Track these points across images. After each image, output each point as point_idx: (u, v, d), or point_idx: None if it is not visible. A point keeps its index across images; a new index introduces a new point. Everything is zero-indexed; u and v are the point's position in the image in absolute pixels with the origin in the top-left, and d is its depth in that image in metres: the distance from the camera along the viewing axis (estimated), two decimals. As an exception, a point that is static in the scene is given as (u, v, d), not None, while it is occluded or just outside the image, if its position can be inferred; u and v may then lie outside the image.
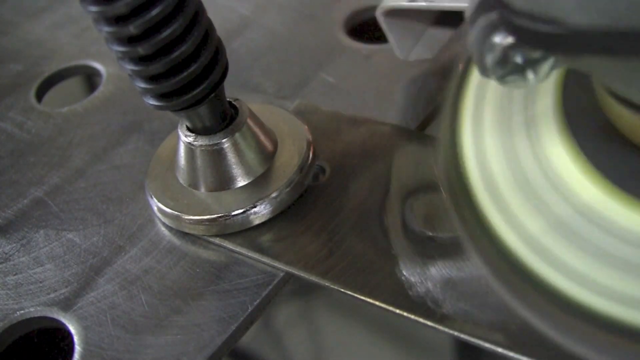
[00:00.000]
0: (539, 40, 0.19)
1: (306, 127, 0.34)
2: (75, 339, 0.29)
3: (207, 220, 0.31)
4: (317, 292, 0.82)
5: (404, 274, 0.28)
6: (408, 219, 0.30)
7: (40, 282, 0.32)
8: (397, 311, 0.28)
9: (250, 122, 0.32)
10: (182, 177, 0.33)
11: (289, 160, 0.32)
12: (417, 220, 0.30)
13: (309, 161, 0.32)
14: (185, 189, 0.32)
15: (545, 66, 0.20)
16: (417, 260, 0.29)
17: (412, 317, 0.27)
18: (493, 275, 0.23)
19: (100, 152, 0.37)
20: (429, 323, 0.27)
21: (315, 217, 0.31)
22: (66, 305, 0.30)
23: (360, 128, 0.35)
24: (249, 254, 0.31)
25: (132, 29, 0.26)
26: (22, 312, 0.31)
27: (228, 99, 0.32)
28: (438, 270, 0.28)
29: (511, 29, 0.20)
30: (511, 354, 0.25)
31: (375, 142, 0.34)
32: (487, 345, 0.26)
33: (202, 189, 0.32)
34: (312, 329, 0.86)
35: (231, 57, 0.31)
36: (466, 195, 0.25)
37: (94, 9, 0.26)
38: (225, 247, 0.31)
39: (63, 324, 0.30)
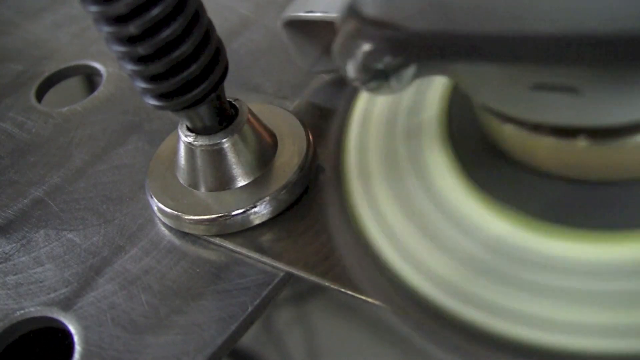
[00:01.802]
0: (390, 46, 0.20)
1: (306, 127, 0.34)
2: (75, 339, 0.29)
3: (207, 220, 0.31)
4: (317, 292, 0.82)
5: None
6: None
7: (40, 282, 0.32)
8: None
9: (250, 122, 0.32)
10: (182, 177, 0.33)
11: (289, 160, 0.32)
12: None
13: (309, 161, 0.32)
14: (185, 189, 0.32)
15: (408, 73, 0.21)
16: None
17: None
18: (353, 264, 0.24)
19: (100, 152, 0.37)
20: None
21: (315, 217, 0.31)
22: (66, 305, 0.30)
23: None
24: (249, 254, 0.31)
25: (132, 29, 0.26)
26: (22, 312, 0.31)
27: (228, 99, 0.32)
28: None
29: (366, 36, 0.20)
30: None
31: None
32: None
33: (202, 189, 0.32)
34: (312, 329, 0.86)
35: (231, 57, 0.31)
36: (347, 215, 0.25)
37: (94, 8, 0.26)
38: (225, 247, 0.31)
39: (63, 324, 0.30)
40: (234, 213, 0.31)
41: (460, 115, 0.26)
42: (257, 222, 0.31)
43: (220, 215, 0.31)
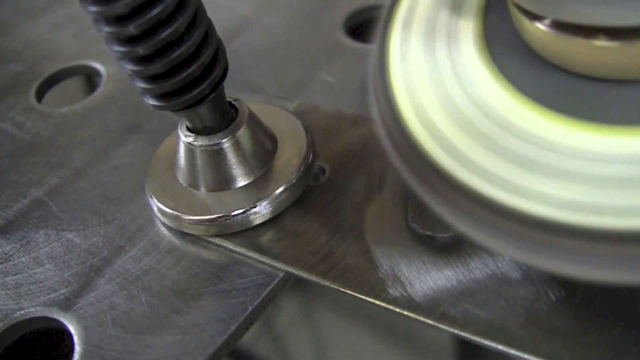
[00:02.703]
0: None
1: (306, 127, 0.34)
2: (75, 339, 0.29)
3: (207, 220, 0.31)
4: (318, 292, 0.82)
5: (405, 273, 0.28)
6: (408, 219, 0.30)
7: (40, 282, 0.32)
8: (397, 310, 0.28)
9: (250, 122, 0.32)
10: (182, 177, 0.33)
11: (289, 160, 0.32)
12: (417, 219, 0.30)
13: (309, 161, 0.32)
14: (185, 189, 0.32)
15: None
16: (417, 260, 0.29)
17: (412, 316, 0.27)
18: (416, 180, 0.25)
19: (100, 152, 0.37)
20: (429, 322, 0.27)
21: (315, 217, 0.31)
22: (66, 305, 0.30)
23: (360, 128, 0.35)
24: (249, 254, 0.31)
25: (132, 29, 0.26)
26: (22, 312, 0.31)
27: (228, 99, 0.32)
28: (438, 270, 0.28)
29: None
30: (512, 351, 0.25)
31: (375, 142, 0.34)
32: (487, 343, 0.26)
33: (202, 189, 0.32)
34: (312, 329, 0.86)
35: (231, 57, 0.31)
36: (390, 104, 0.27)
37: (93, 9, 0.26)
38: (225, 247, 0.31)
39: (63, 324, 0.30)
40: (234, 213, 0.31)
41: (497, 17, 0.27)
42: (257, 222, 0.31)
43: (220, 215, 0.31)
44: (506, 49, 0.26)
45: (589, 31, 0.23)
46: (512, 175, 0.23)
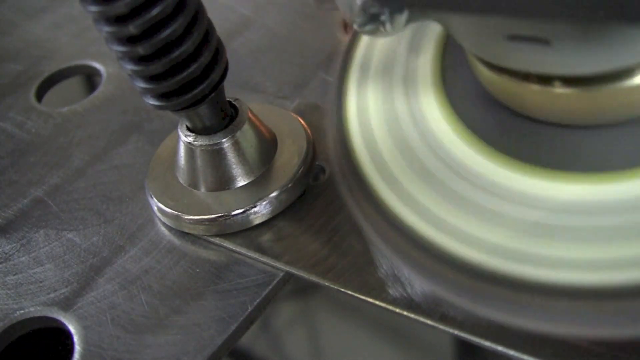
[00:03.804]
0: None
1: (306, 127, 0.34)
2: (75, 339, 0.29)
3: (207, 220, 0.31)
4: (317, 292, 0.82)
5: (405, 273, 0.28)
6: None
7: (40, 282, 0.32)
8: (397, 311, 0.28)
9: (250, 122, 0.32)
10: (182, 177, 0.33)
11: (289, 160, 0.32)
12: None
13: (309, 161, 0.32)
14: (185, 189, 0.32)
15: (401, 18, 0.23)
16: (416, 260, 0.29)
17: (412, 316, 0.27)
18: (369, 228, 0.26)
19: (100, 152, 0.37)
20: (429, 322, 0.27)
21: (315, 217, 0.31)
22: (66, 305, 0.30)
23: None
24: (249, 254, 0.31)
25: (132, 29, 0.26)
26: (22, 312, 0.31)
27: (228, 99, 0.32)
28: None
29: None
30: (511, 352, 0.25)
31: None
32: (487, 343, 0.26)
33: (202, 189, 0.32)
34: (312, 329, 0.86)
35: (231, 57, 0.31)
36: (345, 147, 0.27)
37: (94, 8, 0.26)
38: (225, 247, 0.31)
39: (63, 324, 0.30)
40: (234, 213, 0.31)
41: (454, 59, 0.27)
42: (257, 222, 0.31)
43: (220, 215, 0.31)
44: (463, 91, 0.26)
45: (544, 78, 0.23)
46: (447, 214, 0.24)
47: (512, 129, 0.25)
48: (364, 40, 0.30)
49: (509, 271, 0.22)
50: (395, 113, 0.27)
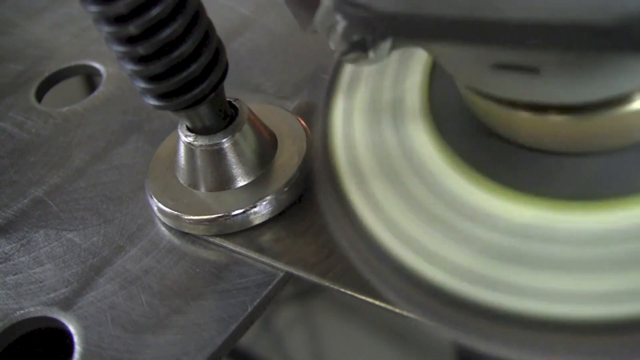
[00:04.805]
0: (361, 23, 0.21)
1: (306, 127, 0.34)
2: (75, 339, 0.29)
3: (207, 220, 0.31)
4: (317, 292, 0.82)
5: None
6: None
7: (40, 282, 0.32)
8: (397, 311, 0.28)
9: (250, 122, 0.32)
10: (182, 177, 0.33)
11: (289, 160, 0.32)
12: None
13: (309, 161, 0.32)
14: (185, 189, 0.32)
15: (385, 45, 0.22)
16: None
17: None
18: (357, 259, 0.25)
19: (100, 152, 0.37)
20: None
21: (315, 217, 0.31)
22: (66, 305, 0.30)
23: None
24: (249, 254, 0.31)
25: (132, 29, 0.26)
26: (22, 312, 0.31)
27: (228, 99, 0.32)
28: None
29: (342, 13, 0.22)
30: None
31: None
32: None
33: (202, 189, 0.32)
34: (312, 329, 0.86)
35: (231, 57, 0.31)
36: (331, 175, 0.27)
37: (94, 8, 0.26)
38: (225, 247, 0.31)
39: (63, 324, 0.30)
40: (233, 213, 0.31)
41: (442, 85, 0.27)
42: (257, 222, 0.31)
43: (220, 215, 0.31)
44: (451, 117, 0.26)
45: (534, 106, 0.22)
46: (430, 240, 0.23)
47: (503, 156, 0.24)
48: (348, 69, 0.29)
49: (483, 298, 0.22)
50: (381, 136, 0.26)
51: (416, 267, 0.23)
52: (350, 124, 0.28)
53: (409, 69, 0.28)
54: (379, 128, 0.27)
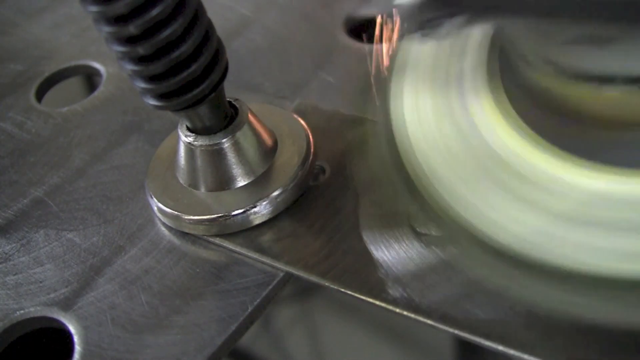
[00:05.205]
0: (439, 1, 0.22)
1: (306, 127, 0.34)
2: (75, 339, 0.29)
3: (207, 220, 0.31)
4: (318, 293, 0.82)
5: (404, 273, 0.28)
6: (409, 218, 0.30)
7: (40, 282, 0.32)
8: (397, 311, 0.28)
9: (250, 122, 0.32)
10: (182, 177, 0.33)
11: (289, 160, 0.32)
12: (417, 219, 0.30)
13: (309, 161, 0.32)
14: (185, 189, 0.32)
15: (458, 21, 0.23)
16: (417, 260, 0.29)
17: (412, 316, 0.27)
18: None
19: (100, 152, 0.37)
20: (429, 322, 0.27)
21: (315, 217, 0.31)
22: (66, 305, 0.30)
23: (360, 128, 0.35)
24: (249, 254, 0.31)
25: (132, 29, 0.26)
26: (22, 312, 0.31)
27: (228, 99, 0.32)
28: (438, 270, 0.28)
29: None
30: (511, 351, 0.25)
31: (375, 142, 0.34)
32: (487, 343, 0.26)
33: (202, 189, 0.32)
34: (312, 329, 0.86)
35: (231, 57, 0.31)
36: (398, 157, 0.27)
37: (93, 8, 0.26)
38: (225, 247, 0.31)
39: (63, 324, 0.30)
40: (234, 213, 0.31)
41: (502, 61, 0.27)
42: (257, 222, 0.31)
43: (220, 215, 0.31)
44: (518, 95, 0.26)
45: (604, 78, 0.23)
46: (510, 213, 0.24)
47: (572, 129, 0.25)
48: (409, 44, 0.30)
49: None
50: (447, 113, 0.27)
51: (499, 238, 0.24)
52: (417, 104, 0.28)
53: (468, 48, 0.28)
54: (445, 104, 0.27)
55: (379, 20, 0.24)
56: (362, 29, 0.43)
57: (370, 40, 0.40)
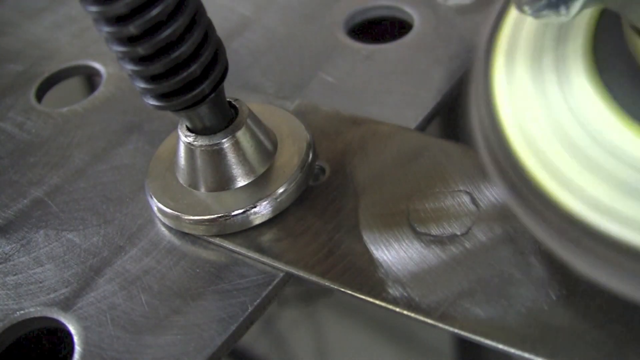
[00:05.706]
0: None
1: (306, 127, 0.34)
2: (75, 339, 0.29)
3: (207, 220, 0.31)
4: (317, 292, 0.82)
5: (405, 273, 0.28)
6: (409, 218, 0.30)
7: (40, 282, 0.32)
8: (397, 310, 0.28)
9: (250, 122, 0.32)
10: (182, 177, 0.33)
11: (289, 160, 0.32)
12: (417, 218, 0.30)
13: (309, 161, 0.32)
14: (185, 189, 0.32)
15: (577, 3, 0.22)
16: (417, 260, 0.29)
17: (412, 316, 0.27)
18: (520, 204, 0.25)
19: (100, 152, 0.37)
20: (429, 322, 0.27)
21: (315, 217, 0.31)
22: (66, 305, 0.30)
23: (360, 128, 0.35)
24: (249, 254, 0.31)
25: (132, 29, 0.26)
26: (22, 312, 0.31)
27: (228, 99, 0.32)
28: (438, 269, 0.28)
29: None
30: (512, 350, 0.25)
31: (375, 142, 0.34)
32: (487, 342, 0.26)
33: (202, 189, 0.32)
34: (312, 329, 0.86)
35: (231, 57, 0.31)
36: (498, 133, 0.26)
37: (93, 9, 0.26)
38: (225, 247, 0.31)
39: (63, 324, 0.30)
40: (234, 213, 0.31)
41: (607, 45, 0.27)
42: (257, 222, 0.31)
43: (220, 215, 0.31)
44: (619, 74, 0.26)
45: None
46: (616, 202, 0.23)
47: None
48: (507, 27, 0.29)
49: None
50: (547, 97, 0.26)
51: (586, 215, 0.23)
52: (514, 87, 0.27)
53: (569, 31, 0.28)
54: (544, 87, 0.27)
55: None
56: (362, 29, 0.43)
57: (373, 40, 0.40)
